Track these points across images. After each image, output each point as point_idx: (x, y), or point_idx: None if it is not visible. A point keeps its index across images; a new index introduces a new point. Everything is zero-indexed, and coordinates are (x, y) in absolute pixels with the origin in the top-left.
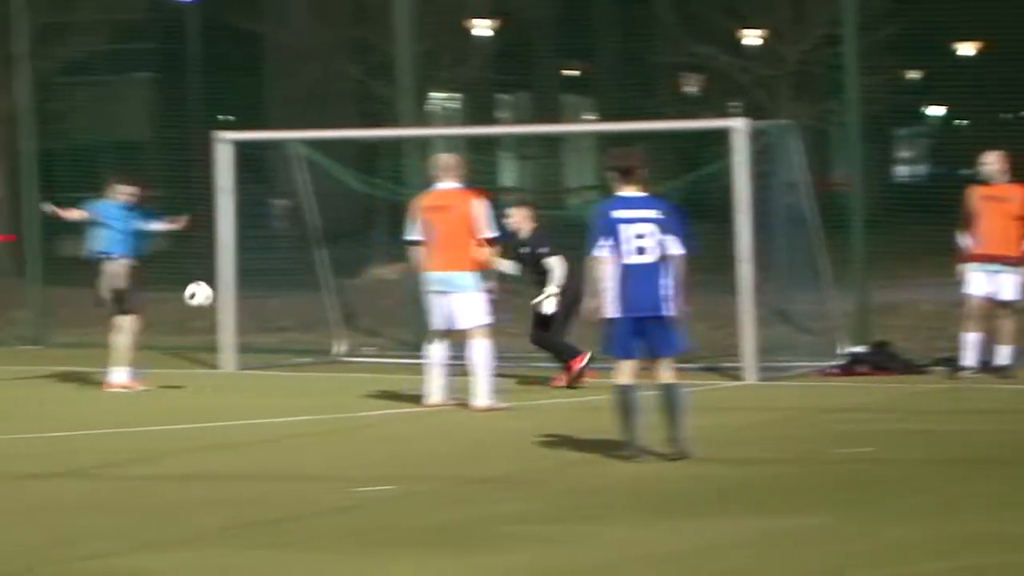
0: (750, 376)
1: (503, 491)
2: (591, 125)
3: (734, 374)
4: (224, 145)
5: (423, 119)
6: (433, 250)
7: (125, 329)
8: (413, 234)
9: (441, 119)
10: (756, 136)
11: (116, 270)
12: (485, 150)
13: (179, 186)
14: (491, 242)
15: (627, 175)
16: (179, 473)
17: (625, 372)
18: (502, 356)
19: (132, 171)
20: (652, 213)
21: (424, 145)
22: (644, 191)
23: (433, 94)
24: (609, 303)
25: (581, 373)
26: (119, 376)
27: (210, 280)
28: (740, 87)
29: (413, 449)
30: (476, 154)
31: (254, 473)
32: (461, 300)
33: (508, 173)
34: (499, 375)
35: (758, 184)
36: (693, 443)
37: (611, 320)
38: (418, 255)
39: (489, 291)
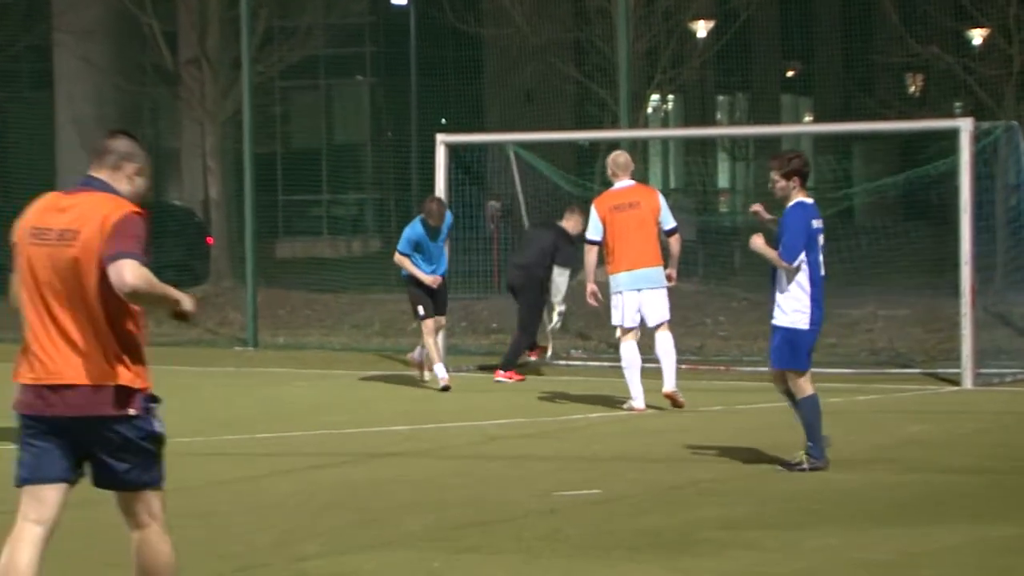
0: (967, 381)
1: (708, 496)
2: (810, 126)
3: (951, 379)
4: (442, 147)
5: (640, 121)
6: (626, 248)
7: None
8: (594, 234)
9: (659, 121)
10: (980, 137)
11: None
12: (701, 151)
13: (398, 188)
14: (674, 233)
15: (805, 180)
16: (392, 475)
17: (808, 382)
18: (713, 358)
19: (351, 174)
20: (821, 222)
21: (641, 146)
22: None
23: (652, 96)
24: (800, 316)
25: None
26: (441, 371)
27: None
28: (963, 87)
29: (617, 452)
30: (691, 156)
31: (463, 475)
32: (654, 296)
33: (724, 175)
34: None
35: (980, 186)
36: (881, 449)
37: (800, 333)
38: (592, 255)
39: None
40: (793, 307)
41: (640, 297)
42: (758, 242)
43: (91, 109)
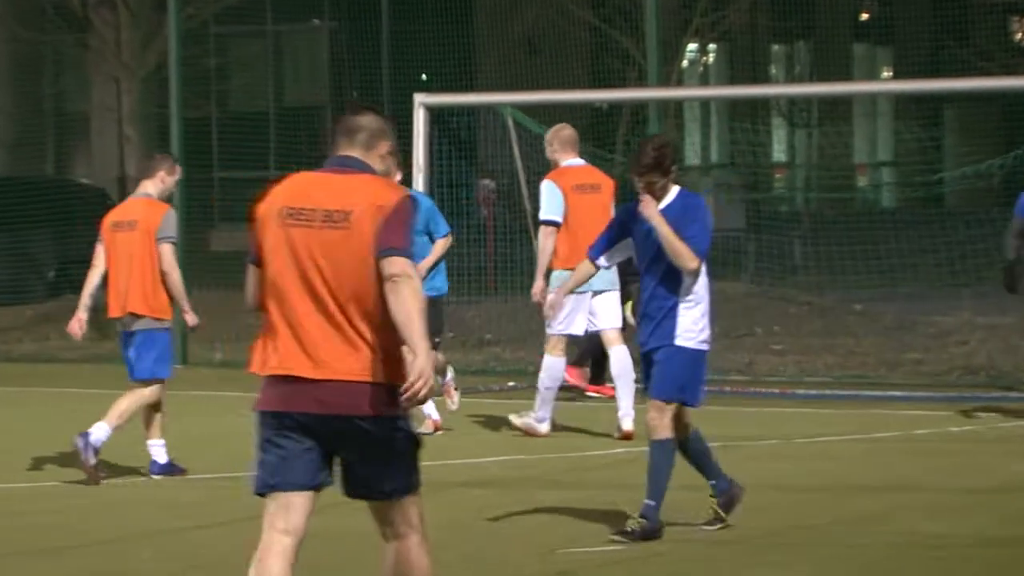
0: None
1: (759, 555)
2: (889, 83)
3: None
4: (422, 110)
5: (673, 77)
6: (587, 238)
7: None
8: (555, 213)
9: (697, 77)
10: None
11: None
12: (751, 116)
13: None
14: None
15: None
16: (360, 527)
17: None
18: (765, 379)
19: (305, 145)
20: None
21: (674, 110)
22: None
23: (688, 46)
24: (705, 332)
25: None
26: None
27: None
28: None
29: (641, 499)
30: (738, 121)
31: (455, 526)
32: (609, 299)
33: (779, 145)
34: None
35: None
36: (978, 495)
37: (704, 355)
38: (552, 241)
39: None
40: (699, 323)
41: (593, 301)
42: (652, 211)
43: None
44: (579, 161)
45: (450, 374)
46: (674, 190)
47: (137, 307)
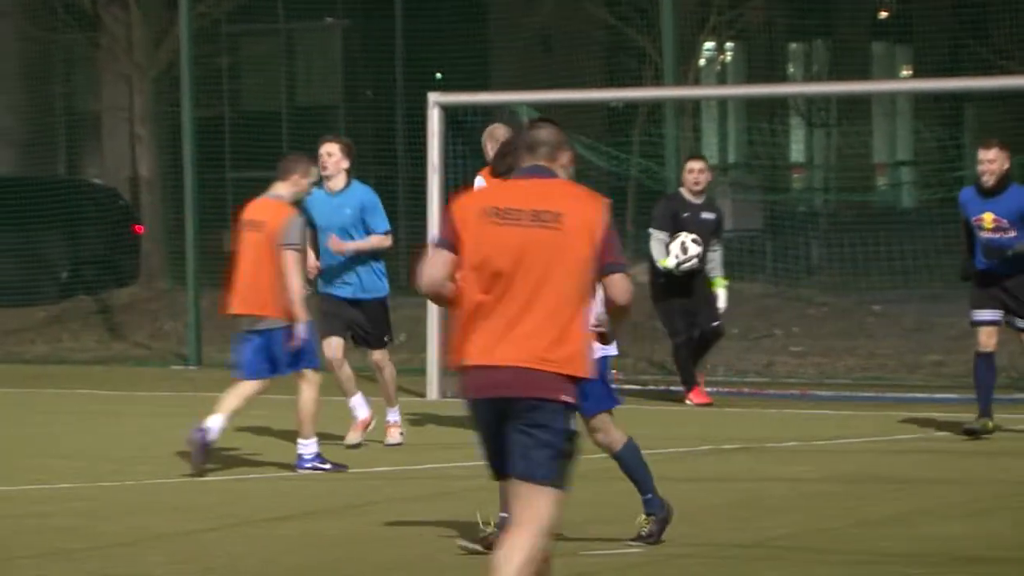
0: None
1: (778, 558)
2: (909, 82)
3: None
4: (436, 110)
5: (690, 76)
6: None
7: None
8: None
9: (714, 76)
10: None
11: None
12: (768, 115)
13: (381, 162)
14: None
15: None
16: (374, 531)
17: None
18: (784, 380)
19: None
20: None
21: (691, 109)
22: None
23: (705, 44)
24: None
25: None
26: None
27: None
28: None
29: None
30: (756, 121)
31: (467, 527)
32: None
33: (797, 145)
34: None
35: None
36: (1002, 499)
37: (607, 361)
38: None
39: None
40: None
41: None
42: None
43: None
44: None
45: (394, 415)
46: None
47: (258, 308)
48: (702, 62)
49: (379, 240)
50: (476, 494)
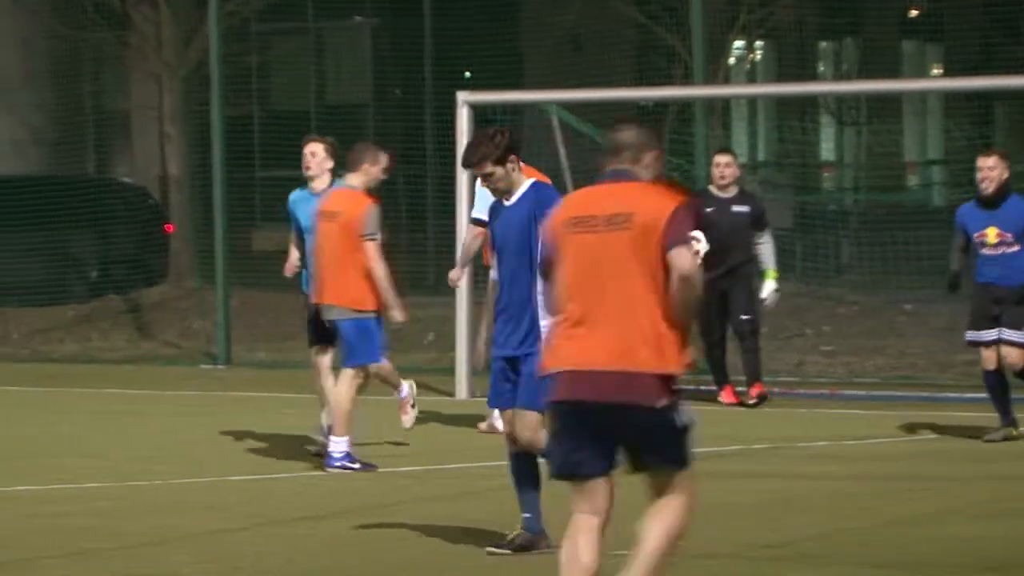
0: None
1: (810, 558)
2: (939, 80)
3: None
4: (465, 108)
5: (720, 75)
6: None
7: None
8: (484, 212)
9: (744, 75)
10: None
11: None
12: (798, 114)
13: (409, 161)
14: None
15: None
16: (399, 532)
17: None
18: (814, 380)
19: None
20: None
21: (721, 108)
22: None
23: (735, 43)
24: None
25: None
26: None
27: (447, 283)
28: None
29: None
30: (786, 119)
31: (502, 528)
32: None
33: (827, 144)
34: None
35: None
36: None
37: None
38: (477, 240)
39: None
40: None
41: None
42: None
43: (16, 60)
44: None
45: (406, 389)
46: (525, 183)
47: (332, 298)
48: (732, 61)
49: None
50: (502, 493)
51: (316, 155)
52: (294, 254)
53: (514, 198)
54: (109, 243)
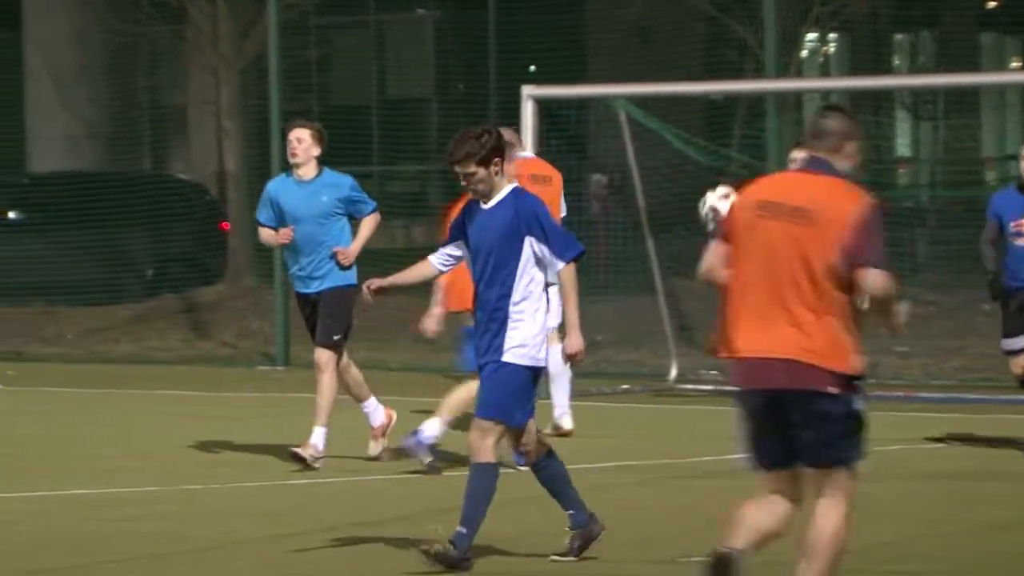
0: None
1: (888, 562)
2: (1019, 74)
3: None
4: (530, 103)
5: (792, 68)
6: None
7: None
8: None
9: (816, 68)
10: None
11: None
12: (873, 108)
13: None
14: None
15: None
16: None
17: None
18: (889, 382)
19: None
20: None
21: (793, 103)
22: None
23: (808, 35)
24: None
25: None
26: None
27: None
28: None
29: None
30: (861, 114)
31: (561, 534)
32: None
33: (903, 139)
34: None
35: None
36: None
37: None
38: None
39: None
40: (534, 338)
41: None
42: None
43: (70, 55)
44: (528, 153)
45: (381, 417)
46: (506, 188)
47: (467, 303)
48: (804, 53)
49: (373, 222)
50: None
51: (302, 141)
52: (269, 233)
53: (492, 202)
54: (165, 241)
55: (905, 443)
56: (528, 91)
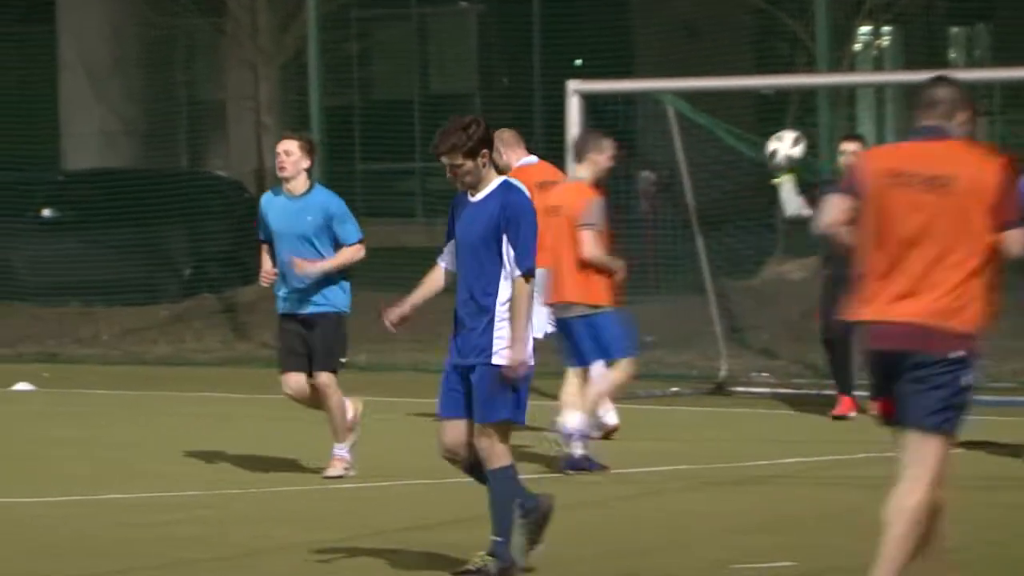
0: None
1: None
2: None
3: None
4: (575, 98)
5: (845, 62)
6: (542, 239)
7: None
8: None
9: (870, 62)
10: None
11: None
12: None
13: None
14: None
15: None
16: None
17: None
18: None
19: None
20: None
21: (846, 97)
22: None
23: (861, 28)
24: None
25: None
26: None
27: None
28: None
29: (817, 510)
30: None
31: (609, 540)
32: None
33: None
34: None
35: None
36: None
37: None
38: None
39: None
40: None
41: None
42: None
43: (105, 48)
44: (533, 159)
45: (341, 451)
46: (495, 181)
47: (569, 295)
48: (857, 47)
49: (352, 253)
50: (625, 503)
51: (291, 154)
52: (267, 262)
53: (480, 195)
54: (203, 239)
55: (964, 447)
56: (573, 86)
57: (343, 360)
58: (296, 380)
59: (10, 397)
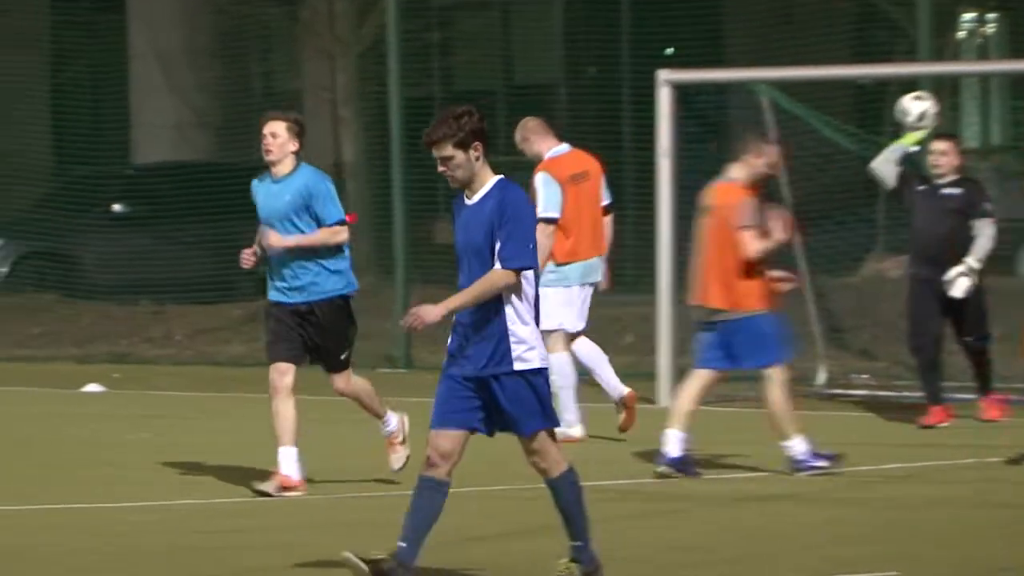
0: None
1: None
2: None
3: None
4: (666, 88)
5: (948, 51)
6: (582, 229)
7: None
8: (555, 209)
9: (974, 50)
10: None
11: None
12: None
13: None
14: (610, 211)
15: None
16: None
17: None
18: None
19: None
20: None
21: (949, 87)
22: None
23: (964, 15)
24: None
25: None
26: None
27: (647, 280)
28: None
29: (917, 517)
30: (1022, 99)
31: (701, 547)
32: (590, 293)
33: None
34: None
35: None
36: None
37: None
38: (551, 239)
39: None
40: (535, 337)
41: (584, 294)
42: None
43: (177, 37)
44: (565, 147)
45: (394, 423)
46: (491, 180)
47: (713, 299)
48: (961, 35)
49: (328, 234)
50: (694, 512)
51: (277, 136)
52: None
53: (477, 196)
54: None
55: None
56: (664, 75)
57: (347, 357)
58: (284, 368)
59: (80, 399)
